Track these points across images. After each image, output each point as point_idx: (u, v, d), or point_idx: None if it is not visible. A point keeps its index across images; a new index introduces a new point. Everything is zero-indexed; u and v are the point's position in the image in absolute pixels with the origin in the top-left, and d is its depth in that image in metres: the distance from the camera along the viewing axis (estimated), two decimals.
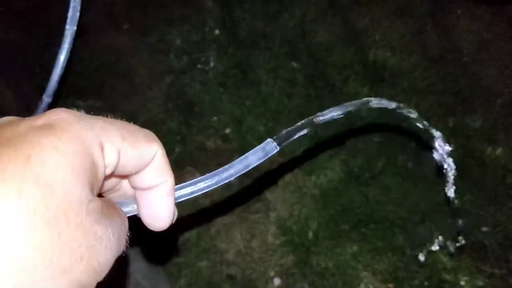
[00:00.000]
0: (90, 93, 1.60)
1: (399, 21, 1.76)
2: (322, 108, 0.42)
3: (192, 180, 0.33)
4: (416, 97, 1.60)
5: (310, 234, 1.38)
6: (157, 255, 1.31)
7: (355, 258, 1.34)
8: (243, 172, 0.34)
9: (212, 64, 1.73)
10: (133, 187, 0.31)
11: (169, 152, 0.34)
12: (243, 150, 1.52)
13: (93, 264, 0.24)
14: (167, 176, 0.31)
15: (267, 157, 0.35)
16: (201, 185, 0.33)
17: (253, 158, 0.35)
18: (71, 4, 0.71)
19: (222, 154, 1.53)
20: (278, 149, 0.36)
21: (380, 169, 1.46)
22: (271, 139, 0.36)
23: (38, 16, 1.68)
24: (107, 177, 0.28)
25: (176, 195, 0.32)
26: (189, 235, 1.36)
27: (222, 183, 0.34)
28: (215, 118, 1.60)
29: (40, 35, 1.62)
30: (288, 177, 1.47)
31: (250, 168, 0.35)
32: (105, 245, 0.25)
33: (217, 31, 1.81)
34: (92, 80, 1.64)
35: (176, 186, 0.32)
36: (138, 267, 1.20)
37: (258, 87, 1.65)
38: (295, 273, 1.34)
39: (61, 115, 0.26)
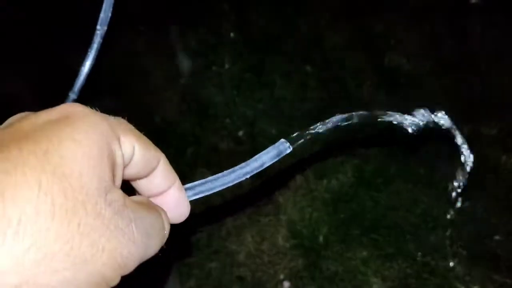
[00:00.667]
0: (105, 93, 1.62)
1: (415, 26, 1.75)
2: (335, 113, 0.42)
3: (209, 177, 0.34)
4: (431, 103, 1.58)
5: (321, 238, 1.38)
6: (168, 254, 1.33)
7: (365, 264, 1.34)
8: (257, 171, 0.35)
9: (226, 66, 1.75)
10: (147, 195, 0.32)
11: (182, 153, 0.35)
12: (255, 152, 1.52)
13: (116, 256, 0.24)
14: (174, 178, 0.32)
15: (280, 156, 0.36)
16: (217, 183, 0.34)
17: (266, 157, 0.36)
18: (104, 5, 0.72)
19: (235, 156, 1.54)
20: (291, 149, 0.37)
21: (392, 174, 1.45)
22: (285, 140, 0.37)
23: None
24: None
25: (194, 192, 0.34)
26: (200, 236, 1.37)
27: (238, 181, 0.35)
28: (228, 120, 1.61)
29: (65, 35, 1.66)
30: (299, 180, 1.47)
31: (264, 167, 0.36)
32: (128, 238, 0.25)
33: (232, 34, 1.82)
34: (107, 80, 1.66)
35: (193, 184, 0.34)
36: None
37: (272, 91, 1.66)
38: (304, 276, 1.34)
39: (75, 107, 0.26)
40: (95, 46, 0.70)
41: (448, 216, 1.39)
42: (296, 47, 1.75)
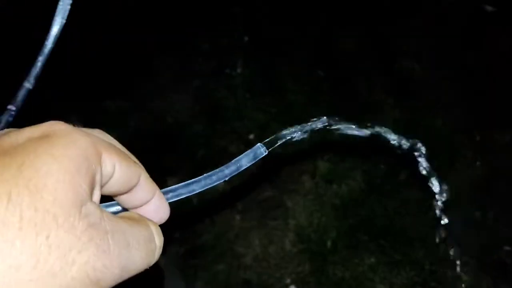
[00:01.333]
0: (119, 93, 1.64)
1: (429, 32, 1.74)
2: (346, 117, 0.43)
3: (191, 180, 0.36)
4: (442, 110, 1.57)
5: (329, 243, 1.38)
6: (174, 255, 1.34)
7: (372, 270, 1.33)
8: (235, 173, 0.37)
9: (239, 69, 1.75)
10: (127, 208, 0.32)
11: (192, 155, 0.36)
12: (265, 156, 1.53)
13: (87, 270, 0.24)
14: (154, 189, 0.32)
15: (256, 160, 0.39)
16: (196, 186, 0.36)
17: (244, 161, 0.38)
18: None
19: None
20: (266, 153, 0.39)
21: (402, 182, 1.44)
22: (261, 144, 0.39)
23: None
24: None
25: (175, 193, 0.35)
26: (207, 237, 1.38)
27: (218, 182, 0.36)
28: (239, 123, 1.62)
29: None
30: (308, 185, 1.47)
31: (241, 170, 0.38)
32: (102, 251, 0.24)
33: (245, 37, 1.83)
34: (121, 81, 1.68)
35: (175, 186, 0.35)
36: (155, 266, 1.22)
37: (284, 94, 1.66)
38: (311, 281, 1.34)
39: (59, 126, 0.27)
40: (52, 35, 0.70)
41: (458, 225, 1.38)
42: (308, 51, 1.75)
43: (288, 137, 0.41)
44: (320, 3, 1.85)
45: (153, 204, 0.32)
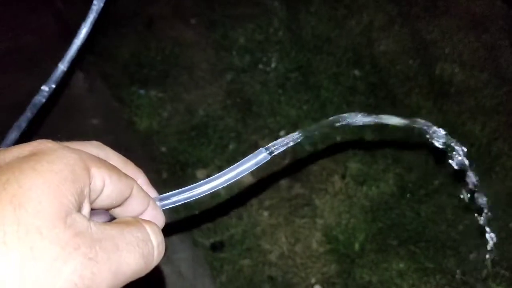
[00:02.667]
0: (153, 83, 1.65)
1: (472, 35, 1.68)
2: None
3: (187, 187, 0.35)
4: (482, 116, 1.52)
5: (356, 246, 1.35)
6: (202, 247, 1.34)
7: (401, 276, 1.30)
8: (236, 179, 0.36)
9: (273, 65, 1.74)
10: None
11: (223, 148, 0.35)
12: (295, 153, 1.51)
13: (74, 279, 0.24)
14: (148, 200, 0.33)
15: (258, 165, 0.37)
16: (194, 192, 0.35)
17: (246, 166, 0.37)
18: None
19: (274, 156, 1.53)
20: (270, 157, 0.38)
21: (436, 187, 1.40)
22: (264, 148, 0.38)
23: None
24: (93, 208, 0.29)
25: (170, 201, 0.35)
26: (235, 232, 1.37)
27: (217, 188, 0.36)
28: (271, 119, 1.60)
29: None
30: (338, 185, 1.45)
31: (242, 175, 0.37)
32: (89, 258, 0.24)
33: (281, 33, 1.81)
34: (156, 70, 1.69)
35: (171, 193, 0.35)
36: (183, 256, 1.23)
37: (318, 92, 1.64)
38: (336, 283, 1.31)
39: (45, 144, 0.27)
40: (89, 19, 0.71)
41: (492, 235, 1.33)
42: (345, 49, 1.71)
43: (292, 144, 0.39)
44: (362, 3, 1.81)
45: (148, 214, 0.33)
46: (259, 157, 0.37)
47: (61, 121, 1.30)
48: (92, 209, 0.29)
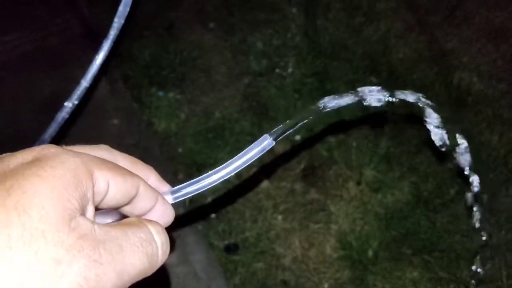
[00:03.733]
0: (171, 85, 1.67)
1: (491, 45, 1.68)
2: (395, 127, 0.42)
3: (196, 178, 0.36)
4: (500, 127, 1.52)
5: (370, 253, 1.35)
6: (217, 249, 1.35)
7: (414, 285, 1.30)
8: (243, 167, 0.37)
9: (290, 70, 1.75)
10: (132, 216, 0.33)
11: (238, 150, 0.37)
12: (311, 158, 1.52)
13: (78, 281, 0.24)
14: (156, 196, 0.33)
15: (264, 151, 0.39)
16: (205, 182, 0.36)
17: (252, 153, 0.38)
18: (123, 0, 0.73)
19: (289, 160, 1.54)
20: (274, 143, 0.39)
21: (452, 197, 1.40)
22: (267, 135, 0.39)
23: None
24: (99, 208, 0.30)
25: (182, 193, 0.36)
26: (249, 235, 1.38)
27: (226, 178, 0.37)
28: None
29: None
30: (353, 191, 1.45)
31: (248, 163, 0.38)
32: (93, 260, 0.25)
33: (298, 38, 1.82)
34: (174, 73, 1.71)
35: (182, 185, 0.36)
36: (199, 258, 1.24)
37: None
38: None
39: (48, 149, 0.27)
40: (110, 37, 0.73)
41: (508, 247, 1.32)
42: (362, 56, 1.72)
43: (298, 126, 0.41)
44: (380, 10, 1.82)
45: (157, 210, 0.33)
46: (264, 144, 0.39)
47: (84, 121, 1.32)
48: (99, 209, 0.30)
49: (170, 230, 0.33)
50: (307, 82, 1.71)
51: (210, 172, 0.36)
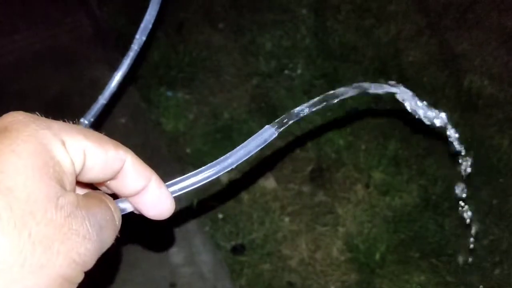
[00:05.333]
0: (180, 85, 1.67)
1: (503, 48, 1.66)
2: (404, 130, 0.42)
3: (195, 171, 0.34)
4: (510, 131, 1.50)
5: (377, 256, 1.34)
6: (224, 250, 1.35)
7: None
8: (245, 159, 0.35)
9: (299, 71, 1.74)
10: (122, 196, 0.32)
11: None
12: (319, 161, 1.52)
13: (73, 256, 0.25)
14: (149, 175, 0.31)
15: (266, 142, 0.37)
16: (205, 174, 0.34)
17: (253, 145, 0.36)
18: (146, 16, 0.73)
19: (298, 162, 1.54)
20: (277, 134, 0.37)
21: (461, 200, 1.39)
22: (270, 125, 0.37)
23: None
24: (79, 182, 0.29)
25: (180, 186, 0.33)
26: (256, 236, 1.38)
27: (228, 169, 0.35)
28: (295, 125, 1.61)
29: None
30: (361, 194, 1.44)
31: (250, 154, 0.36)
32: (83, 236, 0.25)
33: (308, 40, 1.81)
34: (183, 73, 1.71)
35: (179, 178, 0.33)
36: (205, 259, 1.24)
37: (343, 100, 1.64)
38: None
39: (16, 116, 0.27)
40: (131, 54, 0.72)
41: None
42: (372, 59, 1.71)
43: (301, 115, 0.39)
44: (390, 12, 1.81)
45: (151, 193, 0.31)
46: (265, 134, 0.37)
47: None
48: (80, 182, 0.29)
49: (177, 229, 0.32)
50: (316, 84, 1.70)
51: (209, 164, 0.35)
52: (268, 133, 0.37)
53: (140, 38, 0.72)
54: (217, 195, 1.41)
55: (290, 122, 0.38)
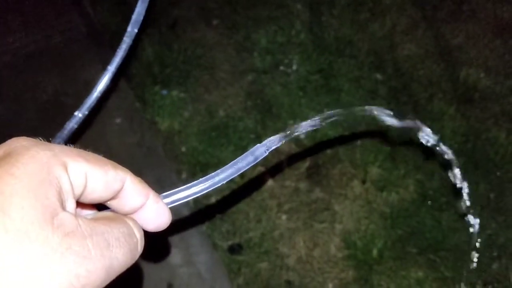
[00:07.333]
0: (175, 83, 1.66)
1: (498, 41, 1.65)
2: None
3: (187, 185, 0.35)
4: (507, 124, 1.49)
5: (375, 252, 1.34)
6: (221, 250, 1.34)
7: (419, 284, 1.29)
8: (235, 176, 0.36)
9: (294, 67, 1.73)
10: (122, 213, 0.32)
11: (242, 149, 0.35)
12: (316, 156, 1.51)
13: (70, 278, 0.24)
14: (147, 192, 0.32)
15: (256, 161, 0.38)
16: (195, 189, 0.35)
17: (243, 163, 0.37)
18: (137, 9, 0.72)
19: (294, 158, 1.53)
20: (267, 153, 0.38)
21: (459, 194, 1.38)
22: (260, 145, 0.38)
23: None
24: (82, 204, 0.29)
25: (172, 199, 0.35)
26: (253, 235, 1.37)
27: (219, 184, 0.36)
28: (291, 121, 1.60)
29: None
30: (358, 190, 1.44)
31: (240, 172, 0.37)
32: (83, 256, 0.25)
33: (303, 35, 1.80)
34: (178, 71, 1.70)
35: (172, 191, 0.35)
36: (203, 259, 1.24)
37: (338, 95, 1.63)
38: None
39: (20, 142, 0.27)
40: (123, 47, 0.71)
41: None
42: (368, 53, 1.70)
43: (296, 133, 0.40)
44: (385, 6, 1.79)
45: (150, 208, 0.32)
46: (257, 152, 0.38)
47: (86, 120, 1.32)
48: (82, 203, 0.29)
49: (174, 230, 0.33)
50: (312, 79, 1.69)
51: (200, 179, 0.36)
52: (259, 152, 0.38)
53: (132, 30, 0.72)
54: (214, 194, 1.41)
55: (279, 144, 0.39)
